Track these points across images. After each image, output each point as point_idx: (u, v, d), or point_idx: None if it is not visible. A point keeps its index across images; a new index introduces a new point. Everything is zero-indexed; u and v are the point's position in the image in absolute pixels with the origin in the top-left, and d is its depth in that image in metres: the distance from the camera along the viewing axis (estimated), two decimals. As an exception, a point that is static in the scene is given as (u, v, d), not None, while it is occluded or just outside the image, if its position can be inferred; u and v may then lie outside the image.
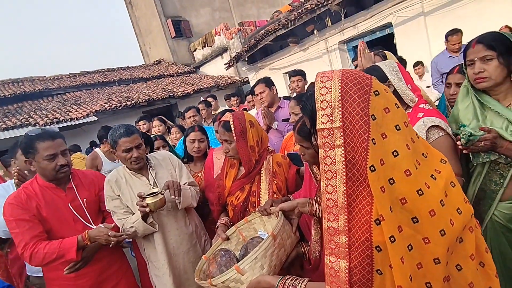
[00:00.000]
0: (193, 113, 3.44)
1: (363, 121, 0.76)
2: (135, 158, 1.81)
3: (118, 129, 1.81)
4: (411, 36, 6.20)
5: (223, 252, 1.38)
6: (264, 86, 2.87)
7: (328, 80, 0.80)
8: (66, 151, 1.77)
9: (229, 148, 1.70)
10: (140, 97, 10.65)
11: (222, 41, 12.74)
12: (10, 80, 11.97)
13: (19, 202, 1.65)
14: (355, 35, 7.26)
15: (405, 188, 0.78)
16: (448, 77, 2.01)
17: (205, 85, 11.94)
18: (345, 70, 0.83)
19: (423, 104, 1.51)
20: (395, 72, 1.53)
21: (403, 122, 0.83)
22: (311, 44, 8.32)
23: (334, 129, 0.77)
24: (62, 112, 9.31)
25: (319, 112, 0.79)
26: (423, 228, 0.78)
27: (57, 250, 1.58)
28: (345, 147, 0.77)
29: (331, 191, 0.80)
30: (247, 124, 1.68)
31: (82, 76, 13.59)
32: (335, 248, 0.80)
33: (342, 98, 0.77)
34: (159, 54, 15.93)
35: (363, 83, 0.80)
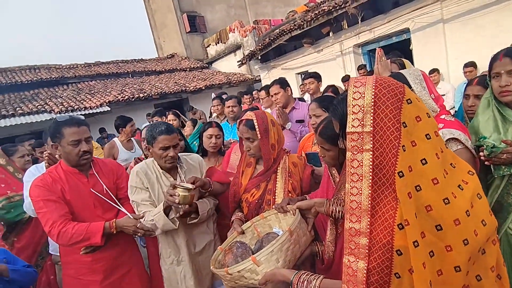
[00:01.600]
0: (233, 103, 3.43)
1: (394, 127, 0.78)
2: (171, 157, 1.80)
3: (158, 126, 1.80)
4: (428, 43, 6.14)
5: (239, 244, 1.42)
6: (279, 87, 2.89)
7: (362, 85, 0.82)
8: (90, 139, 1.83)
9: (250, 146, 1.72)
10: (153, 90, 10.77)
11: (236, 38, 12.77)
12: (27, 67, 12.23)
13: (45, 184, 1.73)
14: (371, 39, 7.21)
15: (431, 196, 0.79)
16: (467, 88, 2.00)
17: (217, 81, 11.99)
18: (378, 77, 0.86)
19: (445, 115, 1.51)
20: (419, 81, 1.52)
21: (434, 131, 0.84)
22: (326, 46, 8.28)
23: (364, 133, 0.79)
24: (77, 101, 9.48)
25: (350, 116, 0.81)
26: (446, 236, 0.80)
27: (84, 233, 1.65)
28: (373, 152, 0.79)
29: (355, 193, 0.82)
30: (269, 123, 1.71)
31: (97, 66, 13.79)
32: (355, 249, 0.82)
33: (374, 104, 0.79)
34: (173, 48, 16.05)
35: (396, 91, 0.82)
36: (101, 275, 1.85)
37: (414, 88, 1.50)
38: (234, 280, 1.21)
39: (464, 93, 2.00)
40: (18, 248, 2.34)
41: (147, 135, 1.84)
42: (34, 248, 2.39)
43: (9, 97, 9.84)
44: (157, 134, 1.77)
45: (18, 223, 2.36)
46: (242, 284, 1.21)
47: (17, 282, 1.70)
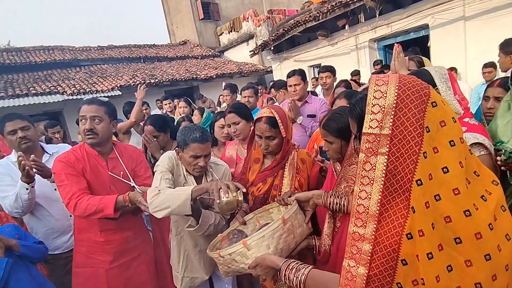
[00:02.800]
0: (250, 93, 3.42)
1: (416, 132, 0.74)
2: (200, 167, 1.70)
3: (193, 132, 1.65)
4: (448, 40, 5.95)
5: (237, 231, 1.44)
6: (300, 79, 2.84)
7: (384, 84, 0.77)
8: (98, 118, 1.80)
9: (270, 144, 1.67)
10: (164, 76, 10.77)
11: (250, 28, 12.61)
12: (41, 47, 12.33)
13: (68, 161, 1.79)
14: (387, 34, 7.03)
15: (451, 207, 0.76)
16: (487, 89, 1.93)
17: (228, 71, 11.92)
18: (402, 76, 0.80)
19: (468, 118, 1.45)
20: (445, 80, 1.46)
21: (459, 138, 0.79)
22: (341, 39, 8.11)
23: (381, 135, 0.75)
24: (89, 84, 9.55)
25: (368, 115, 0.77)
26: (465, 250, 0.76)
27: (97, 203, 1.68)
28: (388, 156, 0.75)
29: (364, 197, 0.78)
30: (288, 118, 1.69)
31: (109, 50, 13.82)
32: (356, 254, 0.80)
33: (396, 106, 0.75)
34: (185, 35, 15.95)
35: (421, 92, 0.77)
36: (111, 256, 1.90)
37: (439, 87, 1.44)
38: (226, 264, 1.23)
39: (484, 94, 1.94)
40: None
41: (178, 138, 1.70)
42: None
43: (23, 76, 9.97)
44: (190, 141, 1.63)
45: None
46: (234, 268, 1.22)
47: (28, 258, 1.75)
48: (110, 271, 1.90)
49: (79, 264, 1.93)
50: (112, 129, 1.91)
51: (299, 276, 0.97)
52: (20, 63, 10.50)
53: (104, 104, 1.86)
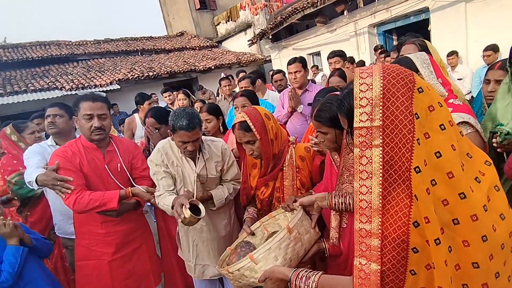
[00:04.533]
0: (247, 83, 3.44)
1: (407, 120, 0.73)
2: (189, 151, 1.77)
3: (180, 118, 1.69)
4: (448, 24, 5.85)
5: (244, 244, 1.42)
6: (300, 66, 2.80)
7: (369, 76, 0.77)
8: (105, 115, 1.85)
9: (253, 148, 1.60)
10: (162, 69, 10.70)
11: (247, 16, 12.42)
12: (37, 43, 12.24)
13: (65, 155, 1.80)
14: (387, 19, 6.92)
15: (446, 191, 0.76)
16: (487, 73, 1.90)
17: (226, 61, 11.81)
18: (385, 66, 0.79)
19: (453, 99, 1.45)
20: (426, 65, 1.46)
21: (448, 121, 0.79)
22: (340, 25, 8.00)
23: (373, 128, 0.74)
24: (87, 78, 9.50)
25: (357, 109, 0.76)
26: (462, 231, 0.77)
27: (101, 198, 1.71)
28: (383, 147, 0.74)
29: (365, 192, 0.77)
30: (264, 118, 1.58)
31: (106, 43, 13.69)
32: (366, 251, 0.79)
33: (383, 96, 0.74)
34: (182, 26, 15.75)
35: (406, 80, 0.76)
36: (113, 248, 1.93)
37: (422, 72, 1.44)
38: (236, 279, 1.21)
39: (485, 77, 1.92)
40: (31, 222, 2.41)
41: (169, 122, 1.77)
42: (46, 222, 2.46)
43: (21, 73, 9.92)
44: (178, 128, 1.69)
45: (31, 198, 2.42)
46: (245, 282, 1.20)
47: (38, 251, 1.80)
48: (113, 263, 1.93)
49: (81, 257, 1.96)
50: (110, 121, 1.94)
51: (310, 283, 0.97)
52: (17, 59, 10.43)
53: (106, 100, 1.89)
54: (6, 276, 1.57)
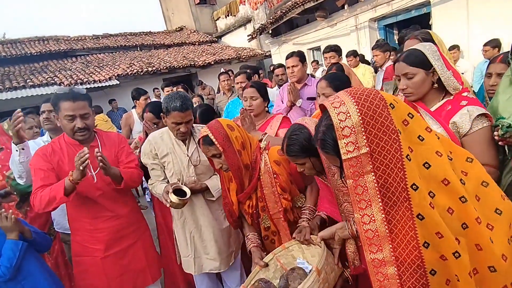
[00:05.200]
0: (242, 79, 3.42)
1: (392, 139, 0.72)
2: (182, 132, 1.84)
3: (174, 100, 1.77)
4: (450, 17, 5.80)
5: (263, 284, 1.34)
6: (298, 60, 2.77)
7: (342, 104, 0.75)
8: (87, 115, 1.77)
9: (220, 162, 1.55)
10: (161, 64, 10.64)
11: (247, 11, 12.32)
12: (36, 38, 12.15)
13: (44, 153, 1.78)
14: (388, 13, 6.86)
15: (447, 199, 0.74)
16: (489, 66, 1.88)
17: (226, 56, 11.75)
18: (349, 90, 0.78)
19: (466, 93, 1.41)
20: (438, 57, 1.38)
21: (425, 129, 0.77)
22: (340, 20, 7.93)
23: (361, 156, 0.73)
24: (86, 74, 9.46)
25: (342, 140, 0.74)
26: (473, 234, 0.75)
27: (48, 193, 1.64)
28: (375, 172, 0.72)
29: (368, 221, 0.75)
30: (227, 129, 1.53)
31: (105, 39, 13.62)
32: (384, 280, 0.75)
33: (363, 121, 0.72)
34: (182, 21, 15.64)
35: (377, 98, 0.74)
36: (103, 245, 1.89)
37: (435, 65, 1.37)
38: None
39: (486, 71, 1.90)
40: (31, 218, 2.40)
41: (162, 105, 1.85)
42: (46, 217, 2.45)
43: (20, 68, 9.87)
44: (171, 109, 1.77)
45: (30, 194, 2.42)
46: None
47: (37, 244, 1.80)
48: (106, 260, 1.90)
49: (77, 253, 1.94)
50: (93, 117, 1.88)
51: None
52: (15, 55, 10.37)
53: (86, 97, 1.80)
54: (3, 271, 1.57)
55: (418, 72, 1.38)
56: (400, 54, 1.49)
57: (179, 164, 1.94)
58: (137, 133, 3.70)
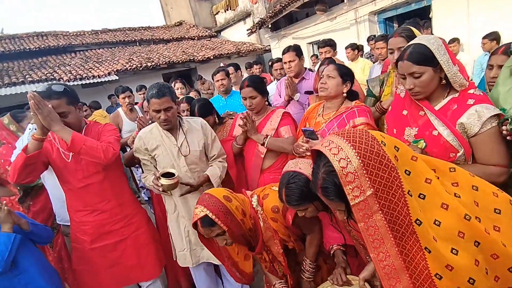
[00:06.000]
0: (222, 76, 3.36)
1: (392, 177, 0.74)
2: (163, 120, 1.85)
3: (152, 88, 1.84)
4: (450, 10, 5.76)
5: None
6: (294, 55, 2.74)
7: (340, 150, 0.77)
8: (64, 114, 1.72)
9: (225, 238, 1.45)
10: (161, 59, 10.60)
11: (246, 5, 12.23)
12: (34, 34, 12.10)
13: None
14: (388, 6, 6.80)
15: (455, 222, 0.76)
16: (491, 58, 1.84)
17: (225, 51, 11.69)
18: (341, 134, 0.79)
19: (473, 90, 1.32)
20: (444, 51, 1.27)
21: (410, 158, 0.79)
22: (340, 13, 7.87)
23: (367, 198, 0.75)
24: (85, 69, 9.43)
25: (347, 187, 0.76)
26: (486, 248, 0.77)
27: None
28: (382, 210, 0.74)
29: (383, 258, 0.77)
30: (225, 202, 1.42)
31: (104, 34, 13.55)
32: None
33: (364, 164, 0.74)
34: (181, 16, 15.54)
35: (369, 139, 0.76)
36: (89, 237, 1.93)
37: (440, 60, 1.27)
38: None
39: (488, 63, 1.87)
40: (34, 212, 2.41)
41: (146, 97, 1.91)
42: (49, 211, 2.47)
43: (19, 64, 9.84)
44: (149, 97, 1.83)
45: (33, 188, 2.43)
46: None
47: (36, 237, 1.78)
48: (93, 251, 1.94)
49: (73, 240, 2.02)
50: (80, 112, 1.84)
51: None
52: (14, 50, 10.33)
53: (62, 94, 1.72)
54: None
55: (426, 70, 1.29)
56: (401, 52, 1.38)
57: (170, 155, 1.96)
58: (126, 133, 3.61)
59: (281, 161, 2.21)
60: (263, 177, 2.24)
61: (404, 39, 1.80)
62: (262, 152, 2.17)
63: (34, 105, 1.55)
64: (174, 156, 1.95)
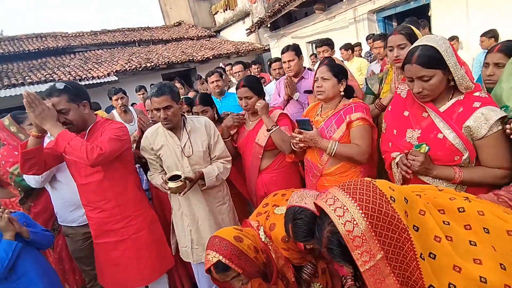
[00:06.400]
0: (216, 77, 3.37)
1: (403, 238, 0.70)
2: (163, 118, 1.86)
3: (153, 87, 1.88)
4: (449, 8, 5.75)
5: None
6: (293, 54, 2.75)
7: (345, 211, 0.72)
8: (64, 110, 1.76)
9: (241, 279, 1.42)
10: (160, 60, 10.60)
11: (245, 5, 12.22)
12: (34, 35, 12.09)
13: None
14: (387, 5, 6.80)
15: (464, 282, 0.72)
16: (487, 56, 1.84)
17: (224, 51, 11.69)
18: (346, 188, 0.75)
19: (479, 92, 1.30)
20: (452, 53, 1.25)
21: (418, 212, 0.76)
22: (339, 12, 7.87)
23: (378, 263, 0.70)
24: (84, 70, 9.43)
25: (355, 252, 0.71)
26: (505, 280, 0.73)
27: None
28: (393, 272, 0.70)
29: None
30: (236, 244, 1.38)
31: (103, 35, 13.53)
32: None
33: (371, 225, 0.69)
34: (180, 16, 15.53)
35: (377, 195, 0.72)
36: (93, 232, 2.05)
37: (449, 63, 1.25)
38: None
39: (484, 61, 1.87)
40: (35, 213, 2.42)
41: None
42: (50, 212, 2.47)
43: (18, 66, 9.84)
44: (150, 96, 1.87)
45: (34, 189, 2.43)
46: None
47: (36, 244, 1.81)
48: (98, 246, 2.05)
49: None
50: (84, 110, 1.87)
51: None
52: (13, 52, 10.33)
53: (62, 91, 1.76)
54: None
55: (435, 73, 1.26)
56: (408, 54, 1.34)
57: (173, 156, 1.97)
58: None
59: (279, 161, 2.24)
60: (261, 177, 2.26)
61: (403, 36, 1.80)
62: (260, 153, 2.19)
63: (26, 104, 1.61)
64: (177, 156, 1.97)
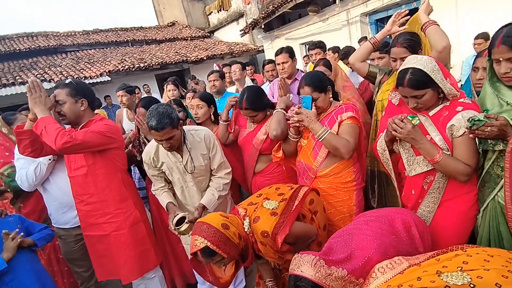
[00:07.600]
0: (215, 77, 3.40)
1: None
2: (166, 147, 1.84)
3: (151, 118, 1.73)
4: (439, 12, 5.82)
5: None
6: (287, 57, 2.78)
7: None
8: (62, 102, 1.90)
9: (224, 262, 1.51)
10: (153, 60, 10.56)
11: (239, 6, 12.25)
12: (25, 34, 11.94)
13: None
14: (379, 8, 6.90)
15: None
16: (476, 60, 1.91)
17: (218, 52, 11.69)
18: None
19: (463, 99, 1.47)
20: (436, 70, 1.42)
21: None
22: (332, 14, 7.95)
23: None
24: (76, 70, 9.33)
25: None
26: None
27: None
28: None
29: None
30: (223, 231, 1.45)
31: (95, 34, 13.43)
32: None
33: None
34: (173, 16, 15.48)
35: None
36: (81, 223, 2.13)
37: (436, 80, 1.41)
38: None
39: (473, 65, 1.93)
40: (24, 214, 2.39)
41: None
42: (39, 214, 2.47)
43: (9, 65, 9.69)
44: (150, 127, 1.76)
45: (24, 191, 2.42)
46: None
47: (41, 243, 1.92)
48: (86, 238, 2.14)
49: None
50: (81, 107, 1.95)
51: None
52: (4, 51, 10.18)
53: (65, 85, 1.94)
54: None
55: (426, 92, 1.44)
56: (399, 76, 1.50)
57: (176, 171, 2.00)
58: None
59: (273, 167, 2.28)
60: (255, 179, 2.31)
61: (406, 49, 1.98)
62: (255, 155, 2.25)
63: (28, 87, 1.80)
64: (180, 173, 2.00)
